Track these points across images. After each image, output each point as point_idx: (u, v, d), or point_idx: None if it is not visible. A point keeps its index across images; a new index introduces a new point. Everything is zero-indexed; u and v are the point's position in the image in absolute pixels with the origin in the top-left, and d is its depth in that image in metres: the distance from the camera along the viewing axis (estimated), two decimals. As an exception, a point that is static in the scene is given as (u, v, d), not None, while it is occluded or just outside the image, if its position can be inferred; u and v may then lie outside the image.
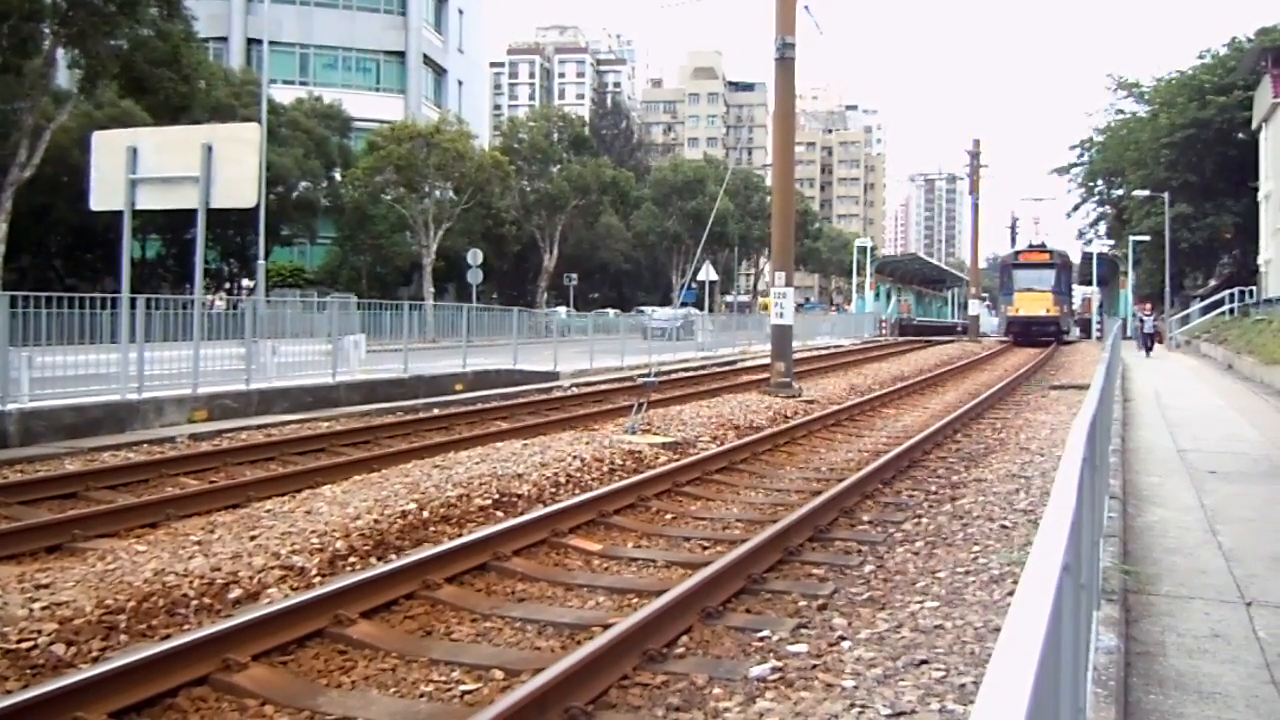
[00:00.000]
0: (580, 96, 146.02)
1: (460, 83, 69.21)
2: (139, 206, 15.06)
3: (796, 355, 20.31)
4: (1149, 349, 35.48)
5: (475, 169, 48.49)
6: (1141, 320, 37.84)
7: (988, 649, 4.91)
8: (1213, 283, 52.96)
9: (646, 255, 77.89)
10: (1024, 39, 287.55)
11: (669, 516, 8.91)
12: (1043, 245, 51.22)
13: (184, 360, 14.97)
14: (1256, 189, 41.46)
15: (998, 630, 1.78)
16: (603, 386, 21.36)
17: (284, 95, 49.61)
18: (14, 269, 32.94)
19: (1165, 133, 46.11)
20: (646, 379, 15.81)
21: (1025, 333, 46.54)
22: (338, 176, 51.17)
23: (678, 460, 11.11)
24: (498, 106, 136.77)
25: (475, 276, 41.56)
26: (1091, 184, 62.23)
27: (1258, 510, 8.24)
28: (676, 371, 24.87)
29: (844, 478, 10.07)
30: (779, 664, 5.03)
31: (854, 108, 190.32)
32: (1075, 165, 62.35)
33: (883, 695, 4.50)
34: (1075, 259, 72.09)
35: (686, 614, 5.68)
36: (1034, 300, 46.68)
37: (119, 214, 15.05)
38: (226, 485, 9.76)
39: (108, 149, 14.94)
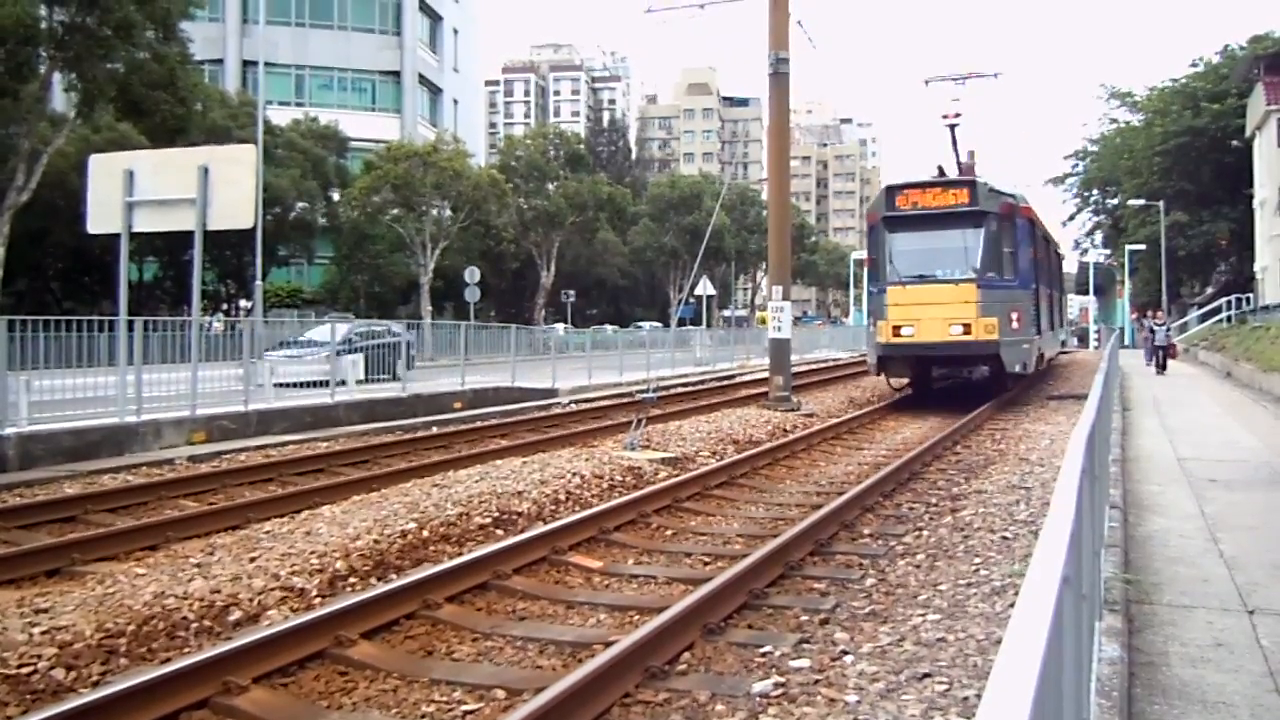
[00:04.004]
0: (575, 114, 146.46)
1: (456, 101, 69.39)
2: (136, 229, 15.06)
3: (795, 369, 20.31)
4: (1162, 365, 28.14)
5: (472, 187, 48.57)
6: (1152, 330, 29.92)
7: (991, 661, 4.89)
8: (1209, 290, 52.99)
9: (644, 271, 77.96)
10: (1017, 50, 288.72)
11: (669, 532, 8.89)
12: (948, 177, 19.96)
13: (182, 382, 14.96)
14: (1252, 196, 41.59)
15: (1000, 642, 1.78)
16: (602, 403, 21.35)
17: (280, 116, 49.71)
18: (11, 293, 32.97)
19: (1159, 141, 46.25)
20: (645, 394, 15.81)
21: (919, 375, 21.04)
22: (335, 196, 51.24)
23: (678, 476, 11.09)
24: (493, 125, 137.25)
25: (473, 294, 41.58)
26: (1086, 194, 62.43)
27: (1259, 518, 8.22)
28: (675, 386, 24.87)
29: (844, 491, 10.05)
30: (781, 680, 5.01)
31: (849, 121, 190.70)
32: (1070, 175, 62.59)
33: (886, 709, 4.49)
34: (1070, 266, 68.70)
35: (688, 630, 5.66)
36: (934, 304, 18.38)
37: (116, 237, 15.05)
38: (226, 507, 9.73)
39: (104, 172, 14.95)
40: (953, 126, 20.88)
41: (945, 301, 17.77)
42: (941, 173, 19.87)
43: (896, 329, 18.22)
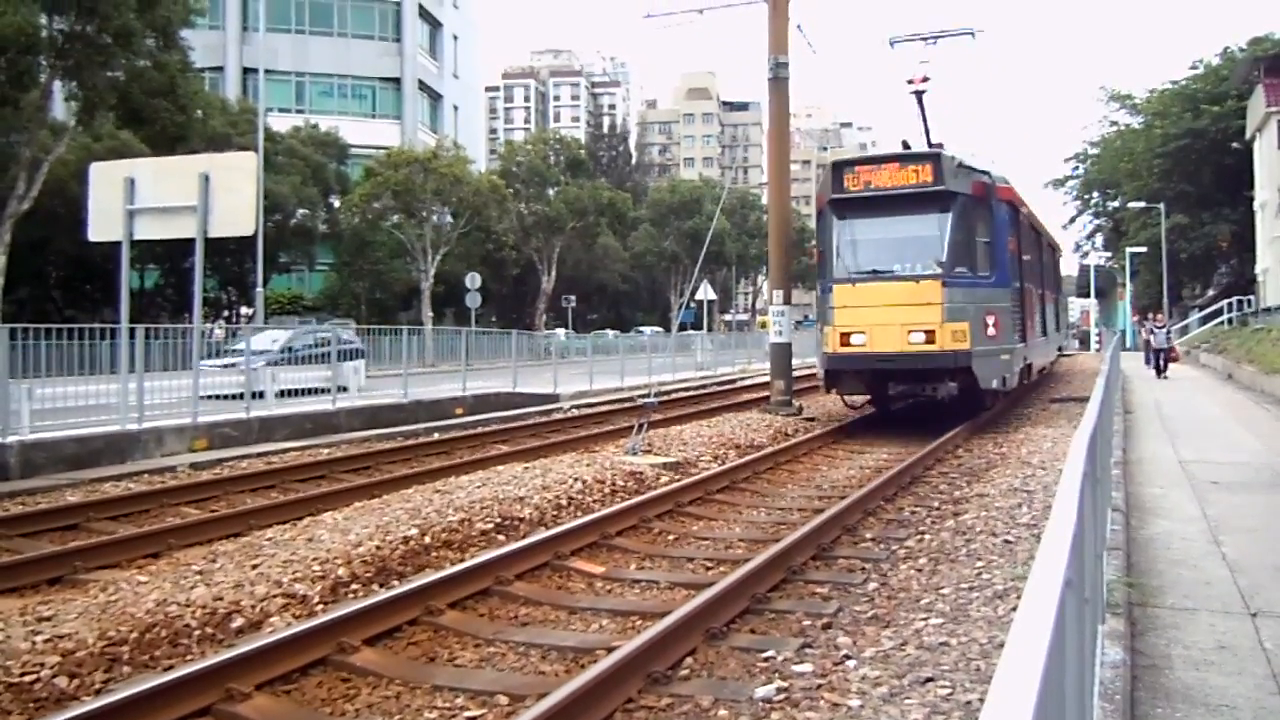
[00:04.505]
0: (575, 119, 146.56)
1: (456, 107, 69.46)
2: (137, 237, 15.08)
3: (796, 373, 20.30)
4: (1162, 369, 27.55)
5: (472, 193, 48.61)
6: (1152, 333, 29.43)
7: (993, 665, 4.89)
8: (1211, 293, 52.95)
9: (645, 276, 77.99)
10: (1016, 53, 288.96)
11: (671, 537, 8.89)
12: (906, 151, 16.53)
13: (184, 389, 14.97)
14: (1252, 198, 41.58)
15: (1003, 646, 1.79)
16: (603, 408, 21.34)
17: (280, 123, 49.78)
18: (13, 301, 32.98)
19: (1159, 143, 46.24)
20: (646, 399, 15.80)
21: (875, 392, 17.96)
22: (335, 203, 51.28)
23: (679, 480, 11.10)
24: (494, 130, 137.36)
25: (474, 300, 41.62)
26: (1087, 196, 62.41)
27: (1261, 520, 8.22)
28: (676, 391, 24.87)
29: (846, 495, 10.05)
30: (784, 684, 5.01)
31: (849, 125, 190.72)
32: (1070, 178, 62.56)
33: (889, 714, 4.48)
34: (1071, 269, 68.31)
35: (690, 635, 5.66)
36: (889, 306, 15.12)
37: (117, 245, 15.07)
38: (228, 514, 9.74)
39: (105, 180, 14.98)
40: (919, 94, 17.67)
41: (903, 303, 14.74)
42: (906, 147, 16.60)
43: (845, 336, 15.13)
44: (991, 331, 14.93)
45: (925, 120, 17.71)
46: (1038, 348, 19.11)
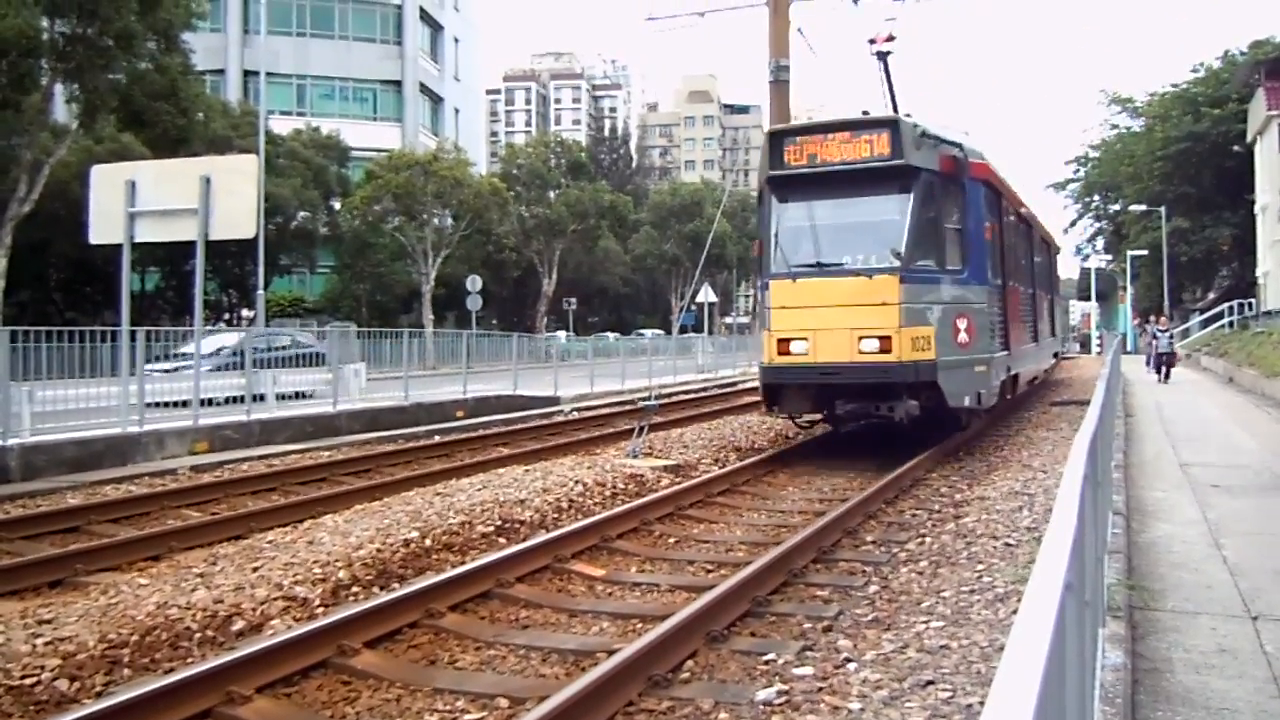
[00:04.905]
0: (576, 122, 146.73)
1: (457, 110, 69.50)
2: (138, 239, 15.11)
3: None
4: (1165, 373, 27.09)
5: (473, 196, 48.64)
6: (1155, 337, 28.95)
7: (994, 668, 4.88)
8: (1211, 296, 52.95)
9: (645, 278, 78.00)
10: (1017, 55, 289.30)
11: (672, 540, 8.89)
12: (857, 117, 13.49)
13: (185, 392, 14.98)
14: (1253, 201, 41.58)
15: (1004, 649, 1.80)
16: (604, 410, 21.35)
17: (282, 126, 49.81)
18: (13, 304, 32.99)
19: (1160, 146, 46.23)
20: (647, 402, 15.81)
21: (823, 407, 13.81)
22: (336, 206, 51.28)
23: (680, 483, 11.10)
24: (495, 133, 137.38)
25: (475, 303, 41.65)
26: (1088, 199, 62.38)
27: (1262, 523, 8.22)
28: (677, 394, 24.87)
29: (847, 498, 10.05)
30: (785, 687, 5.01)
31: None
32: (1071, 181, 62.53)
33: (889, 717, 4.49)
34: (1072, 272, 68.09)
35: (691, 638, 5.66)
36: (836, 306, 12.47)
37: (118, 247, 15.09)
38: (228, 517, 9.74)
39: (106, 183, 15.00)
40: (884, 55, 15.36)
41: (853, 303, 12.17)
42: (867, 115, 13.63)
43: (783, 344, 12.57)
44: (963, 338, 12.52)
45: (891, 87, 15.46)
46: (1026, 355, 16.62)
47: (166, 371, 16.59)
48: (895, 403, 12.17)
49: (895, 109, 15.02)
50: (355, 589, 6.92)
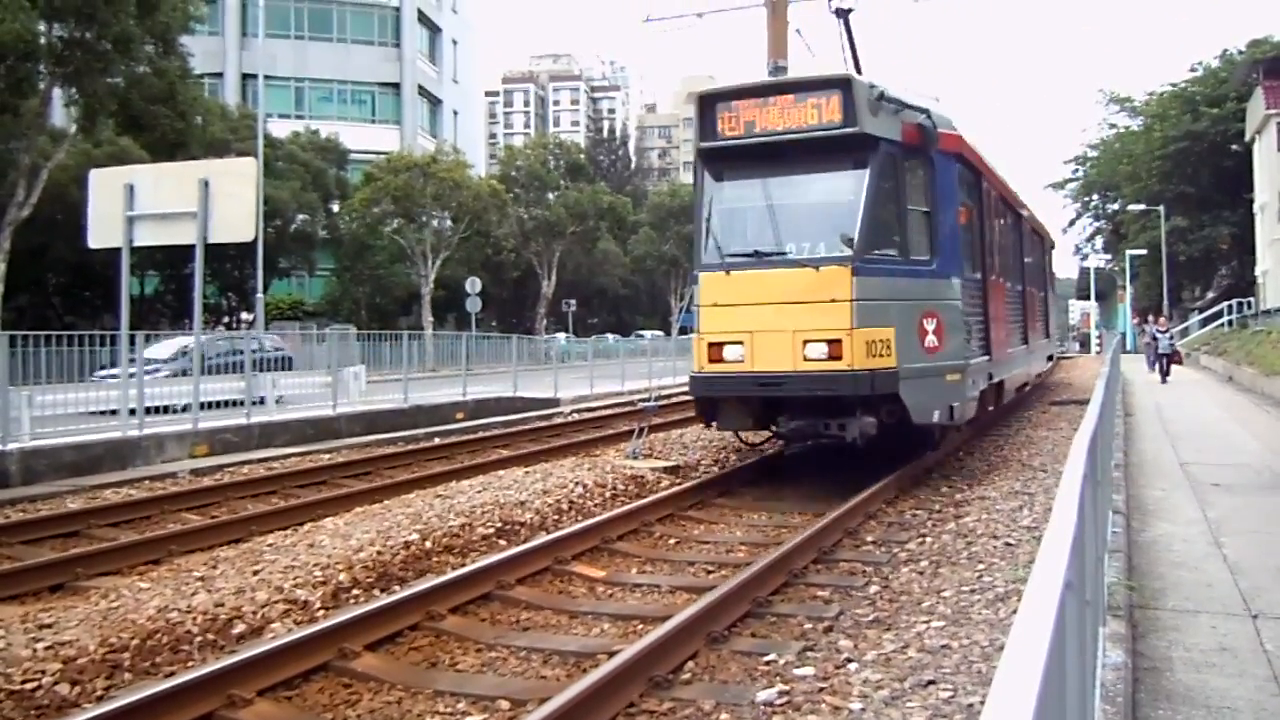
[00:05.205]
0: (575, 123, 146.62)
1: (456, 112, 69.51)
2: (137, 243, 15.09)
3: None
4: (1165, 372, 26.91)
5: (472, 198, 48.65)
6: (1154, 336, 29.01)
7: (995, 668, 4.89)
8: (1211, 295, 52.98)
9: (645, 280, 77.94)
10: (1016, 54, 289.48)
11: (672, 541, 8.89)
12: (802, 76, 13.06)
13: (184, 395, 14.97)
14: (1252, 200, 41.62)
15: (1004, 648, 1.79)
16: (603, 412, 21.35)
17: (280, 129, 49.80)
18: (12, 308, 32.98)
19: (1159, 146, 46.28)
20: (647, 403, 15.81)
21: (766, 423, 11.60)
22: (335, 208, 51.30)
23: (680, 484, 11.10)
24: (493, 135, 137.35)
25: (474, 305, 41.65)
26: (1087, 199, 62.45)
27: (1261, 522, 8.22)
28: (676, 395, 24.85)
29: (847, 498, 10.04)
30: (786, 688, 5.01)
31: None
32: (1070, 180, 62.59)
33: (890, 717, 4.49)
34: (1070, 272, 68.13)
35: (692, 639, 5.66)
36: (777, 304, 10.42)
37: (117, 251, 15.08)
38: (228, 520, 9.74)
39: (105, 187, 15.00)
40: (844, 12, 13.74)
41: (797, 299, 10.20)
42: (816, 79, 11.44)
43: (716, 348, 10.61)
44: (931, 341, 10.60)
45: (854, 50, 13.52)
46: (1013, 360, 14.78)
47: (118, 377, 15.27)
48: (847, 420, 10.20)
49: (857, 69, 13.14)
50: (356, 592, 6.92)
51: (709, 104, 11.09)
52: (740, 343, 10.42)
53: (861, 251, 10.10)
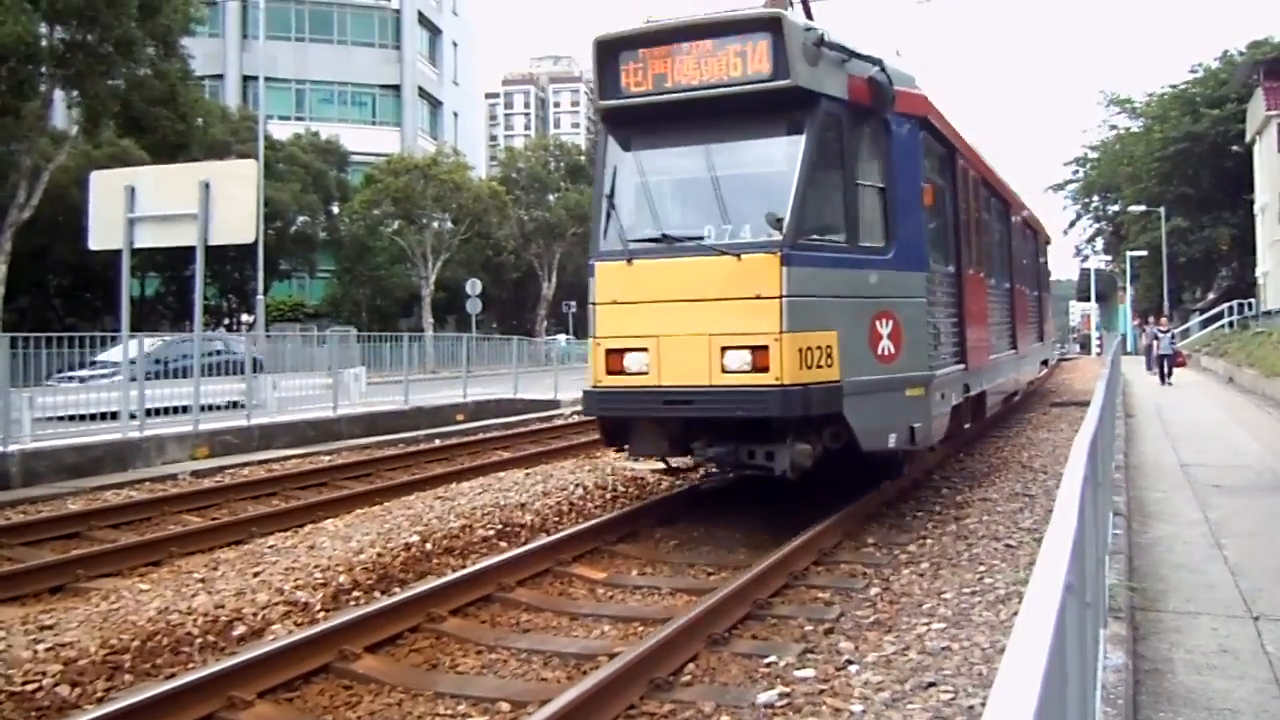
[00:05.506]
0: (575, 125, 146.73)
1: (456, 114, 69.54)
2: (138, 245, 15.10)
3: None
4: (1166, 374, 26.78)
5: (473, 199, 48.70)
6: (1155, 338, 28.77)
7: (996, 670, 4.89)
8: (1211, 296, 53.00)
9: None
10: (1016, 56, 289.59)
11: (672, 543, 8.88)
12: (734, 14, 8.76)
13: (185, 397, 14.97)
14: (1252, 201, 41.62)
15: (1005, 650, 1.78)
16: (604, 413, 21.30)
17: (281, 131, 49.85)
18: (13, 310, 33.00)
19: (1159, 147, 46.31)
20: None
21: (682, 450, 9.04)
22: (335, 210, 51.36)
23: (680, 486, 11.09)
24: (494, 137, 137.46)
25: (474, 306, 41.65)
26: (1087, 200, 62.48)
27: (1262, 524, 8.22)
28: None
29: (848, 500, 10.02)
30: (786, 690, 5.01)
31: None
32: (1070, 182, 62.62)
33: (891, 719, 4.48)
34: (1070, 274, 68.16)
35: (693, 641, 5.65)
36: (689, 301, 8.32)
37: (118, 253, 15.09)
38: (229, 522, 9.74)
39: (106, 188, 15.01)
40: None
41: (715, 295, 8.21)
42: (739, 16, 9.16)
43: (615, 357, 8.61)
44: (886, 348, 8.63)
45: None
46: (997, 368, 12.98)
47: (83, 380, 14.86)
48: (775, 447, 8.19)
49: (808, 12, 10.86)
50: (356, 593, 6.92)
51: (609, 52, 8.94)
52: (644, 349, 8.43)
53: (795, 235, 8.09)
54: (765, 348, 7.94)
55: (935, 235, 9.95)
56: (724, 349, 8.08)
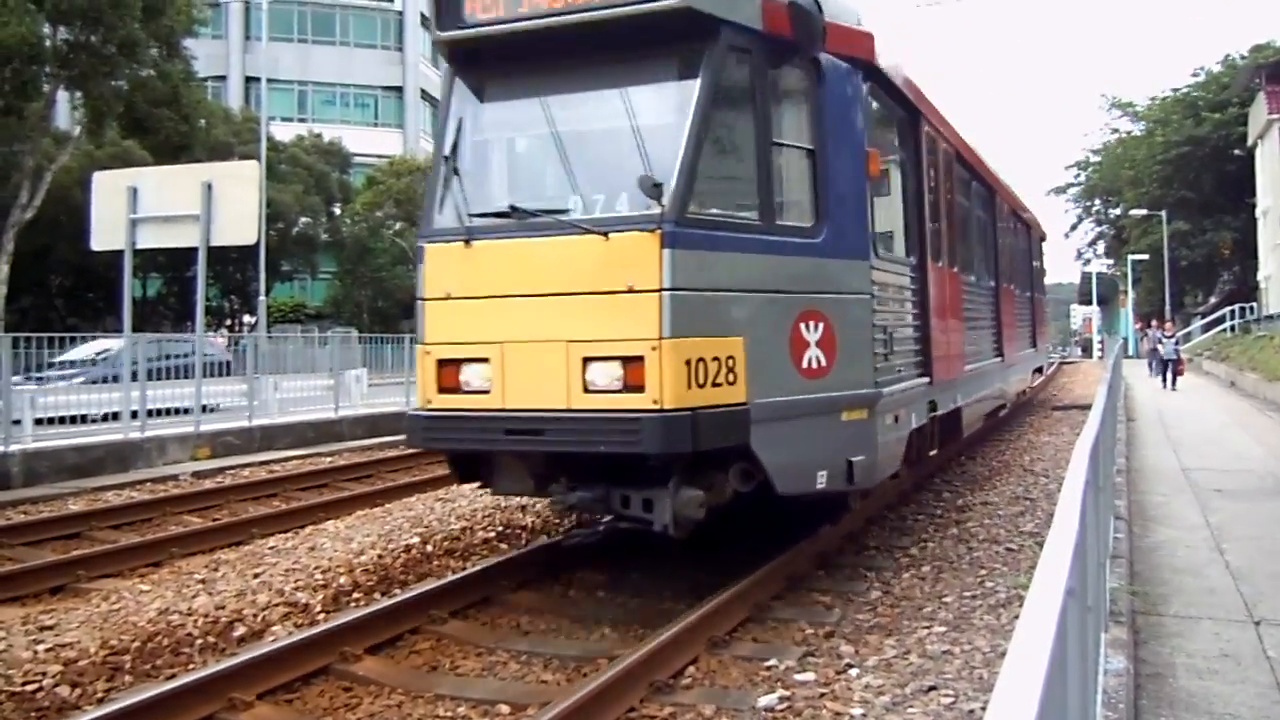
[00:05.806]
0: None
1: (458, 116, 69.44)
2: (140, 246, 15.13)
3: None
4: (1170, 380, 26.32)
5: (474, 200, 48.64)
6: (1159, 342, 28.48)
7: (996, 674, 4.88)
8: (1213, 300, 53.00)
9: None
10: (1018, 60, 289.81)
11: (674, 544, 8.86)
12: None
13: (186, 398, 14.98)
14: (1254, 205, 41.60)
15: (1006, 654, 1.77)
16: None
17: (283, 132, 49.86)
18: (15, 310, 33.04)
19: (1161, 150, 46.31)
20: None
21: (540, 489, 6.60)
22: (338, 211, 51.37)
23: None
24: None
25: (476, 308, 41.55)
26: (1088, 203, 62.48)
27: (1264, 528, 8.21)
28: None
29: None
30: (787, 693, 5.00)
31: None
32: (1072, 185, 62.62)
33: (892, 722, 4.48)
34: (1073, 276, 67.97)
35: (693, 644, 5.64)
36: (544, 296, 5.99)
37: (120, 253, 15.11)
38: (230, 523, 9.75)
39: (108, 189, 15.03)
40: None
41: (575, 289, 6.01)
42: None
43: (449, 369, 6.41)
44: (815, 359, 6.53)
45: None
46: (976, 380, 10.95)
47: (40, 381, 14.31)
48: (654, 492, 6.10)
49: None
50: (357, 595, 6.92)
51: None
52: (485, 359, 6.26)
53: (682, 207, 5.88)
54: (640, 359, 5.81)
55: (887, 216, 7.91)
56: (586, 360, 5.95)
